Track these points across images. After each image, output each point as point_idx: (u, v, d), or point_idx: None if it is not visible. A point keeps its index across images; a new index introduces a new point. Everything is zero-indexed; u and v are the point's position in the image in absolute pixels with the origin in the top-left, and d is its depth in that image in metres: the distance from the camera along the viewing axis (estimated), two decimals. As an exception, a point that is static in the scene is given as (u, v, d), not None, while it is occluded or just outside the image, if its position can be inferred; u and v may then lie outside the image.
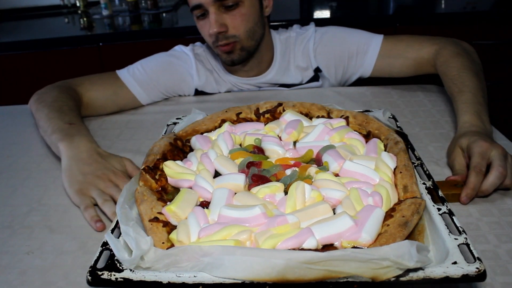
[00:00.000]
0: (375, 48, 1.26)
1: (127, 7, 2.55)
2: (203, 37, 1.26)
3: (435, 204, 0.67)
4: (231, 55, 1.23)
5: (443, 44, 1.17)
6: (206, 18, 1.19)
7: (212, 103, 1.28)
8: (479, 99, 0.96)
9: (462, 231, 0.60)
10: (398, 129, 0.90)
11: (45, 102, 1.09)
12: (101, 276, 0.56)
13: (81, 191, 0.85)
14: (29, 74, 2.15)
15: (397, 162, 0.75)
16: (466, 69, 1.05)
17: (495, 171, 0.77)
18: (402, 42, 1.24)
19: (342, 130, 0.87)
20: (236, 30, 1.20)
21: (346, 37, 1.31)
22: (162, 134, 0.95)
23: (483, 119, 0.91)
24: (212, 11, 1.16)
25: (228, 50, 1.22)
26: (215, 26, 1.16)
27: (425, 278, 0.53)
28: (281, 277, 0.53)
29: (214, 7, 1.15)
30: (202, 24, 1.22)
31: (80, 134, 0.95)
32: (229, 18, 1.18)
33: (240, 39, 1.21)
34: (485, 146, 0.80)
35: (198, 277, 0.55)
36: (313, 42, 1.32)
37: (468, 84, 1.00)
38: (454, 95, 1.00)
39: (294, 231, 0.60)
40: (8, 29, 2.48)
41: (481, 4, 2.13)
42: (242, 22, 1.19)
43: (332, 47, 1.31)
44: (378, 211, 0.63)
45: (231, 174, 0.76)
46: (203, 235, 0.62)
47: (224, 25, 1.18)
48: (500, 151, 0.79)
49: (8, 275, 0.69)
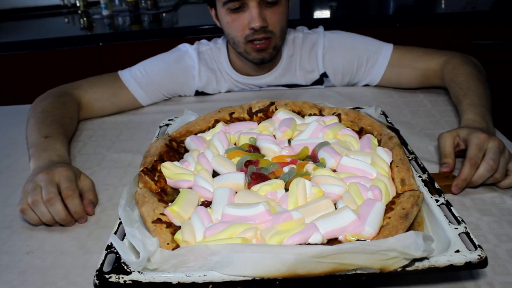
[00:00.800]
0: (385, 58, 1.27)
1: (127, 7, 2.53)
2: (231, 32, 1.21)
3: (432, 195, 0.68)
4: (262, 53, 1.22)
5: (451, 56, 1.20)
6: (242, 12, 1.17)
7: (213, 103, 1.27)
8: (483, 103, 0.98)
9: (461, 221, 0.62)
10: (389, 124, 0.92)
11: (35, 113, 1.08)
12: (109, 280, 0.55)
13: (22, 198, 0.80)
14: (29, 74, 2.11)
15: (393, 157, 0.77)
16: (473, 76, 1.08)
17: (486, 163, 0.78)
18: (411, 53, 1.26)
19: (336, 127, 0.89)
20: (274, 27, 1.19)
21: (356, 45, 1.31)
22: (155, 136, 0.95)
23: (486, 119, 0.93)
24: (254, 5, 1.14)
25: (263, 47, 1.20)
26: (259, 20, 1.14)
27: (430, 267, 0.55)
28: (292, 272, 0.53)
29: (257, 2, 1.14)
30: (235, 17, 1.18)
31: (50, 149, 0.93)
32: (269, 14, 1.17)
33: (275, 37, 1.20)
34: (483, 138, 0.81)
35: (208, 276, 0.55)
36: (322, 46, 1.31)
37: (475, 90, 1.02)
38: (460, 98, 1.02)
39: (299, 227, 0.61)
40: (8, 29, 2.44)
41: (481, 4, 2.14)
42: (280, 20, 1.19)
43: (341, 54, 1.31)
44: (379, 204, 0.65)
45: (231, 173, 0.76)
46: (209, 234, 0.62)
47: (265, 20, 1.16)
48: (496, 144, 0.80)
49: (8, 275, 0.69)
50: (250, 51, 1.22)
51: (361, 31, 2.04)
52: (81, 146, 1.09)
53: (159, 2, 2.59)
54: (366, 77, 1.31)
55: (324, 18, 2.23)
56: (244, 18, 1.17)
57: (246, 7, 1.16)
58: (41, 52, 2.11)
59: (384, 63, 1.27)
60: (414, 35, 2.06)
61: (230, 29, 1.21)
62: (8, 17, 2.67)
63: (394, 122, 1.00)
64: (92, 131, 1.16)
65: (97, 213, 0.83)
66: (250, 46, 1.20)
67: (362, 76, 1.32)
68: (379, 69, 1.28)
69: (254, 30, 1.16)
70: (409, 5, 2.38)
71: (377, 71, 1.28)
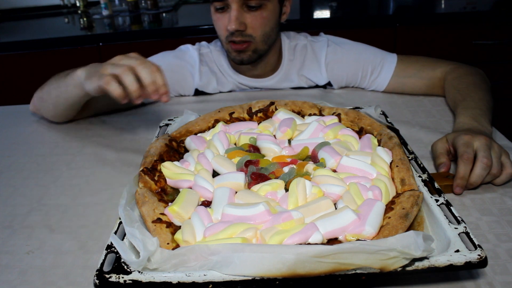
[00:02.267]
0: (389, 69, 1.27)
1: (127, 7, 2.54)
2: (217, 30, 1.25)
3: (432, 195, 0.69)
4: (241, 54, 1.23)
5: (457, 66, 1.20)
6: (225, 13, 1.18)
7: (213, 103, 1.28)
8: (479, 106, 0.98)
9: (461, 221, 0.62)
10: (389, 124, 0.92)
11: (47, 83, 1.14)
12: (109, 279, 0.55)
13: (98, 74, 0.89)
14: (29, 74, 2.11)
15: (393, 156, 0.77)
16: (475, 85, 1.08)
17: (480, 162, 0.79)
18: (417, 63, 1.26)
19: (336, 127, 0.89)
20: (254, 31, 1.19)
21: (360, 56, 1.30)
22: (156, 136, 0.95)
23: (478, 119, 0.93)
24: (234, 8, 1.15)
25: (241, 49, 1.21)
26: (235, 23, 1.16)
27: (430, 267, 0.55)
28: (292, 271, 0.53)
29: (237, 4, 1.15)
30: (219, 17, 1.20)
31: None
32: (249, 18, 1.18)
33: (255, 41, 1.21)
34: (466, 138, 0.83)
35: (208, 275, 0.55)
36: (325, 57, 1.32)
37: (473, 96, 1.03)
38: (457, 103, 1.03)
39: (299, 227, 0.61)
40: (8, 29, 2.44)
41: (481, 4, 2.14)
42: (261, 25, 1.19)
43: (345, 65, 1.31)
44: (379, 204, 0.65)
45: (231, 173, 0.76)
46: (209, 234, 0.62)
47: (243, 24, 1.17)
48: (483, 141, 0.81)
49: (8, 275, 0.69)
50: (231, 50, 1.24)
51: (361, 31, 2.07)
52: (81, 146, 1.09)
53: (159, 2, 2.59)
54: (370, 86, 1.32)
55: (324, 18, 2.23)
56: (225, 18, 1.19)
57: (228, 8, 1.17)
58: (41, 52, 2.11)
59: (389, 74, 1.27)
60: (414, 35, 2.05)
61: (216, 27, 1.24)
62: (8, 17, 2.67)
63: (394, 122, 1.01)
64: (92, 131, 1.16)
65: (97, 213, 0.83)
66: (231, 45, 1.22)
67: (367, 85, 1.33)
68: (384, 81, 1.28)
69: (230, 32, 1.18)
70: (409, 5, 2.38)
71: (381, 82, 1.29)
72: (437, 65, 1.23)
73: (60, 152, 1.07)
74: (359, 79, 1.32)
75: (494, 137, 0.94)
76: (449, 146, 0.87)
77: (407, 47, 2.06)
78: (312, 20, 2.22)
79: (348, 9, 2.39)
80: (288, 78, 1.34)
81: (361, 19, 2.14)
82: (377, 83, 1.30)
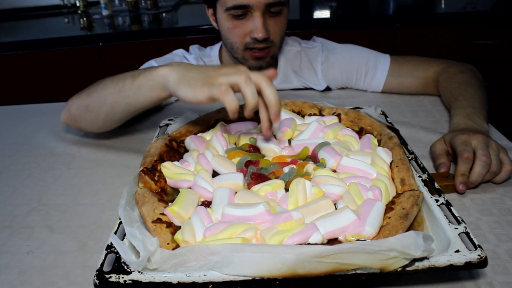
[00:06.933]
0: (384, 69, 1.27)
1: (127, 7, 2.55)
2: (231, 37, 1.20)
3: (432, 195, 0.68)
4: (260, 61, 1.21)
5: (449, 64, 1.20)
6: (245, 19, 1.15)
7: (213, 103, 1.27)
8: (473, 104, 0.99)
9: (461, 221, 0.62)
10: (389, 124, 0.92)
11: (92, 91, 0.97)
12: (109, 279, 0.55)
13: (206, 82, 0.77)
14: (29, 74, 2.12)
15: (393, 157, 0.77)
16: (467, 83, 1.08)
17: (479, 160, 0.79)
18: (410, 62, 1.26)
19: (336, 127, 0.89)
20: (274, 37, 1.19)
21: (353, 59, 1.31)
22: (156, 136, 0.95)
23: (473, 118, 0.94)
24: (258, 15, 1.13)
25: (262, 55, 1.20)
26: (262, 31, 1.13)
27: (430, 267, 0.55)
28: (292, 272, 0.53)
29: (261, 11, 1.13)
30: (237, 24, 1.16)
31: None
32: (271, 24, 1.16)
33: (274, 46, 1.21)
34: (464, 137, 0.83)
35: (208, 276, 0.55)
36: (321, 61, 1.32)
37: (465, 94, 1.03)
38: (451, 104, 1.04)
39: (299, 227, 0.61)
40: (8, 29, 2.45)
41: (481, 4, 2.15)
42: (280, 30, 1.19)
43: (339, 69, 1.32)
44: (379, 204, 0.65)
45: (230, 174, 0.76)
46: (209, 234, 0.62)
47: (268, 31, 1.16)
48: (480, 140, 0.82)
49: (8, 275, 0.69)
50: (248, 58, 1.22)
51: (361, 31, 2.07)
52: (81, 146, 1.09)
53: (159, 2, 2.60)
54: (367, 87, 1.32)
55: (324, 18, 2.23)
56: (247, 26, 1.16)
57: (249, 15, 1.15)
58: (41, 52, 2.11)
59: (383, 75, 1.28)
60: (414, 35, 2.06)
61: (230, 35, 1.20)
62: (8, 17, 2.68)
63: (394, 122, 1.01)
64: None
65: (97, 213, 0.83)
66: (249, 53, 1.20)
67: (363, 87, 1.33)
68: (379, 81, 1.29)
69: (256, 40, 1.16)
70: (409, 5, 2.39)
71: (377, 83, 1.29)
72: (430, 64, 1.23)
73: (60, 152, 1.07)
74: (354, 81, 1.32)
75: (494, 137, 0.93)
76: (447, 147, 0.88)
77: (407, 47, 2.06)
78: (312, 20, 2.23)
79: (348, 9, 2.39)
80: (287, 80, 1.35)
81: (361, 19, 2.14)
82: (373, 84, 1.30)
